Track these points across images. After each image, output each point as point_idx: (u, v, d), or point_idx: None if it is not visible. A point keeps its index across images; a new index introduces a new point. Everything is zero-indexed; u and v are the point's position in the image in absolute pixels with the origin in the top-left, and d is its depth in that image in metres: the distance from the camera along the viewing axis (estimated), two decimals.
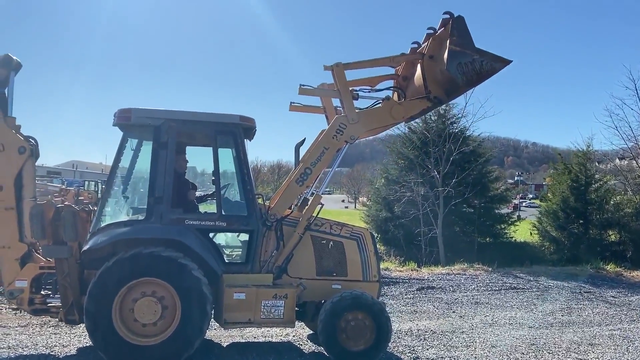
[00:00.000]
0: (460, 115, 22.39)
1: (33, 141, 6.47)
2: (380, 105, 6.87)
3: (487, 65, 6.52)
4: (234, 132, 6.47)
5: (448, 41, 6.36)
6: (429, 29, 6.83)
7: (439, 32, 6.70)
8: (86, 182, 33.94)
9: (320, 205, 6.62)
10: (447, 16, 6.49)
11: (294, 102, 7.57)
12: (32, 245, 6.32)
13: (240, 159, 6.53)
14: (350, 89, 6.77)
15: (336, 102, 7.20)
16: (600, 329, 9.08)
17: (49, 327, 7.57)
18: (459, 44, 6.39)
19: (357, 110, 6.71)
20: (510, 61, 6.66)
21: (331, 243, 6.79)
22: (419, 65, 6.95)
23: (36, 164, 6.51)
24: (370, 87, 7.27)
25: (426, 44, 6.88)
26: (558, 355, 7.22)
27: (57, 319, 6.46)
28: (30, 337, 6.97)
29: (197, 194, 7.27)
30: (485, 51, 6.53)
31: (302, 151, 7.33)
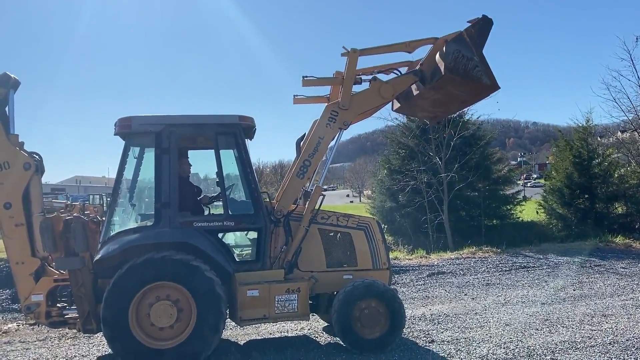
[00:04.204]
0: None
1: (37, 157, 6.55)
2: (368, 87, 6.90)
3: (477, 72, 6.51)
4: (234, 132, 6.52)
5: (465, 29, 6.46)
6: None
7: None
8: (91, 196, 33.98)
9: (322, 197, 6.68)
10: (481, 15, 6.56)
11: (297, 95, 7.57)
12: (45, 259, 6.40)
13: (243, 158, 6.59)
14: (358, 75, 6.80)
15: None
16: (613, 299, 9.14)
17: (67, 338, 7.66)
18: (471, 37, 6.46)
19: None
20: (498, 88, 6.68)
21: (339, 235, 6.85)
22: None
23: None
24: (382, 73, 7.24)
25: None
26: (572, 328, 7.27)
27: (75, 330, 6.54)
28: (50, 350, 7.06)
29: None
30: (487, 63, 6.56)
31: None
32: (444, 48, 6.46)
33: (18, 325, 8.80)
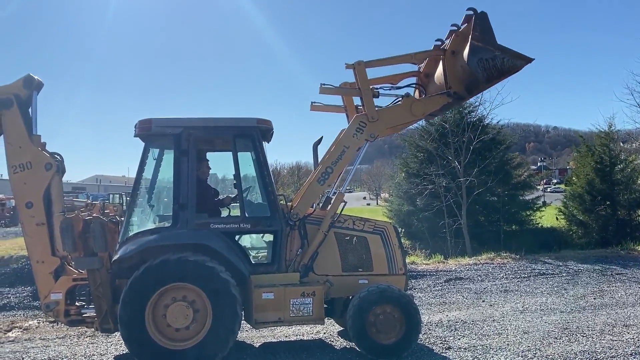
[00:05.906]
0: (477, 104, 22.19)
1: (59, 157, 6.65)
2: (400, 102, 6.89)
3: (509, 62, 6.49)
4: (252, 135, 6.55)
5: (470, 36, 6.36)
6: (452, 25, 6.78)
7: (462, 28, 6.67)
8: (111, 196, 34.43)
9: (343, 203, 6.68)
10: (471, 12, 6.45)
11: (315, 102, 7.64)
12: (64, 258, 6.49)
13: (260, 161, 6.61)
14: (371, 87, 6.80)
15: (357, 100, 7.22)
16: (634, 309, 8.95)
17: (86, 337, 7.77)
18: (480, 39, 6.38)
19: (377, 108, 6.75)
20: (532, 59, 6.60)
21: (355, 239, 6.82)
22: (440, 62, 6.94)
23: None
24: (391, 85, 7.28)
25: (449, 40, 6.86)
26: (592, 337, 7.14)
27: (93, 329, 6.62)
28: (69, 348, 7.16)
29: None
30: (507, 48, 6.50)
31: (320, 150, 7.41)
32: (468, 67, 6.36)
33: (39, 323, 8.94)
